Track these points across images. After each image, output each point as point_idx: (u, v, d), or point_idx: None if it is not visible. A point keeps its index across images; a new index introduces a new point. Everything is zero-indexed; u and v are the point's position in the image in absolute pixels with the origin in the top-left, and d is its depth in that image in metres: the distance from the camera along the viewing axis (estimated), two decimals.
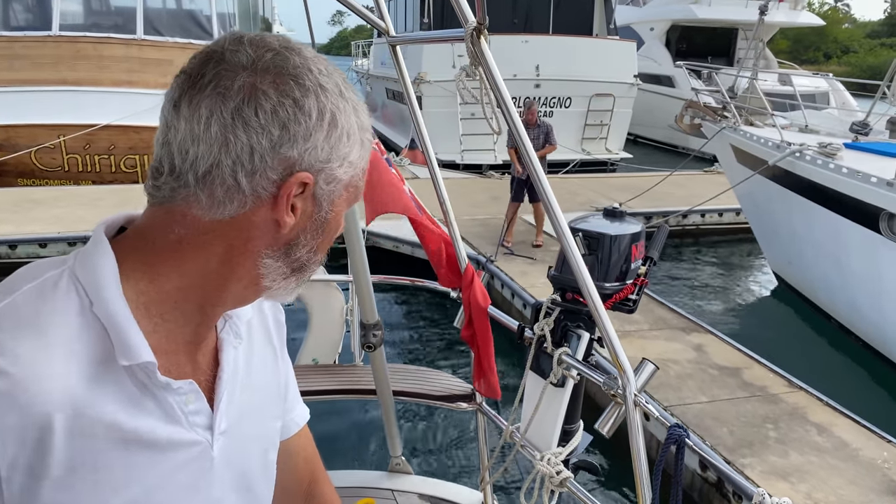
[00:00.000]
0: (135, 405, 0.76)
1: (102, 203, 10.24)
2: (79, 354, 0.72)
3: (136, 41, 12.09)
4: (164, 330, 0.79)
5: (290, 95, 0.74)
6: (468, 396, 2.58)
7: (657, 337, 6.09)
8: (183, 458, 0.81)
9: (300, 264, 0.82)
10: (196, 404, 0.82)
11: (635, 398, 1.46)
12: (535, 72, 15.08)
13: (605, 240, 1.90)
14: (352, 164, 0.80)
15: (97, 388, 0.72)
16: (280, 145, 0.74)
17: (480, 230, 9.52)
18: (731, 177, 9.26)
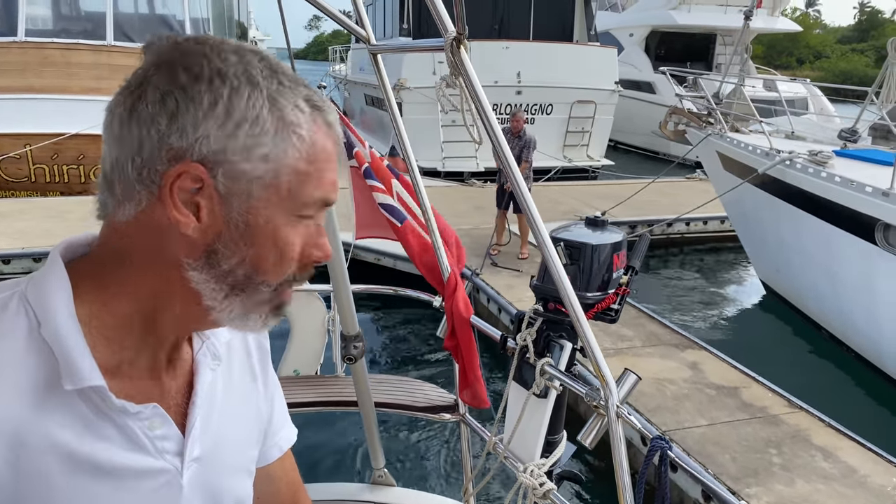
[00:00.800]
0: (90, 431, 0.72)
1: (70, 216, 9.84)
2: (22, 379, 0.69)
3: (105, 47, 11.70)
4: (126, 356, 0.76)
5: (178, 84, 0.70)
6: (451, 407, 2.54)
7: (651, 354, 5.88)
8: (150, 486, 0.77)
9: (236, 281, 0.74)
10: (163, 429, 0.78)
11: (617, 409, 1.45)
12: (516, 78, 14.90)
13: (586, 249, 1.91)
14: (265, 158, 0.72)
15: (44, 413, 0.69)
16: (168, 136, 0.70)
17: (465, 241, 9.13)
18: (717, 184, 9.12)
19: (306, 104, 0.74)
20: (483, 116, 1.55)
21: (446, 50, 1.54)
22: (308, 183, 0.74)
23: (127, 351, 0.76)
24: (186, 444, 0.80)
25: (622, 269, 1.97)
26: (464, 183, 13.66)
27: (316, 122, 0.75)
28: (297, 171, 0.73)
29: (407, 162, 2.19)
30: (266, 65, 0.74)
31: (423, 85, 14.14)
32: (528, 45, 15.37)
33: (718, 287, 9.83)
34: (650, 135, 20.33)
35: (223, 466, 0.86)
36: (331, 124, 0.77)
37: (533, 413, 1.88)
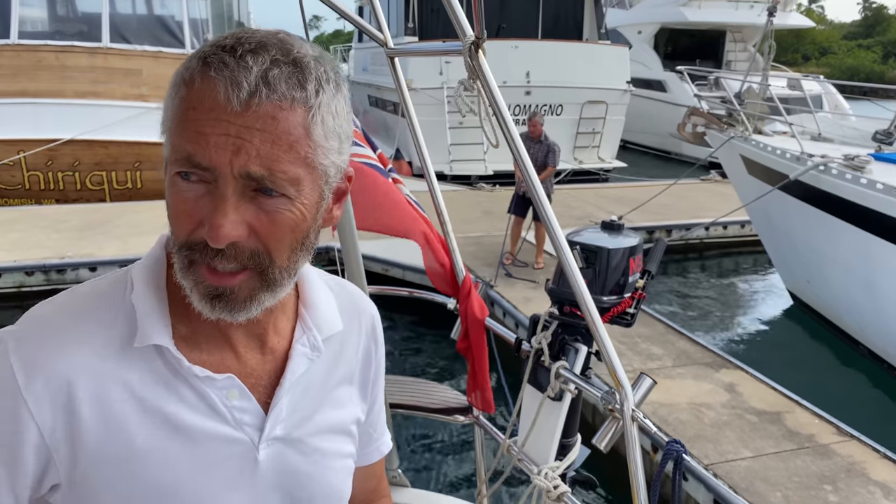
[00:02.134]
0: (168, 390, 0.78)
1: (64, 226, 9.46)
2: (109, 332, 0.76)
3: (101, 49, 11.32)
4: (205, 324, 0.79)
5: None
6: (465, 409, 2.54)
7: (683, 375, 5.46)
8: (224, 452, 0.80)
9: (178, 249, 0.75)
10: (241, 401, 0.81)
11: (633, 413, 1.45)
12: (525, 78, 14.49)
13: (602, 253, 1.91)
14: (163, 115, 0.75)
15: (125, 366, 0.76)
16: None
17: (475, 249, 8.86)
18: (740, 189, 8.69)
19: (198, 61, 0.72)
20: (500, 120, 1.55)
21: (464, 54, 1.54)
22: (173, 138, 0.72)
23: (203, 323, 0.78)
24: (267, 421, 0.82)
25: (638, 273, 1.97)
26: (472, 187, 13.24)
27: (193, 77, 0.72)
28: (167, 127, 0.74)
29: (423, 164, 2.17)
30: (224, 37, 0.73)
31: (429, 86, 13.77)
32: (538, 44, 14.96)
33: (742, 297, 9.39)
34: (661, 135, 19.90)
35: (314, 454, 0.87)
36: (210, 80, 0.70)
37: (547, 416, 1.88)
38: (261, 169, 0.70)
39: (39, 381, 0.73)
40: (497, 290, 7.34)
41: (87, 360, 0.75)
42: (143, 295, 0.79)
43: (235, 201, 0.70)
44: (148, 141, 11.16)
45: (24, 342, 0.74)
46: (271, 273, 0.75)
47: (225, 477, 0.81)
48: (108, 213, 10.30)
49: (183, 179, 0.71)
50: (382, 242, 8.48)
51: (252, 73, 0.69)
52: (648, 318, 6.61)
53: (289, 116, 0.70)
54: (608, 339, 1.49)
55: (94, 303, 0.79)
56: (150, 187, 11.43)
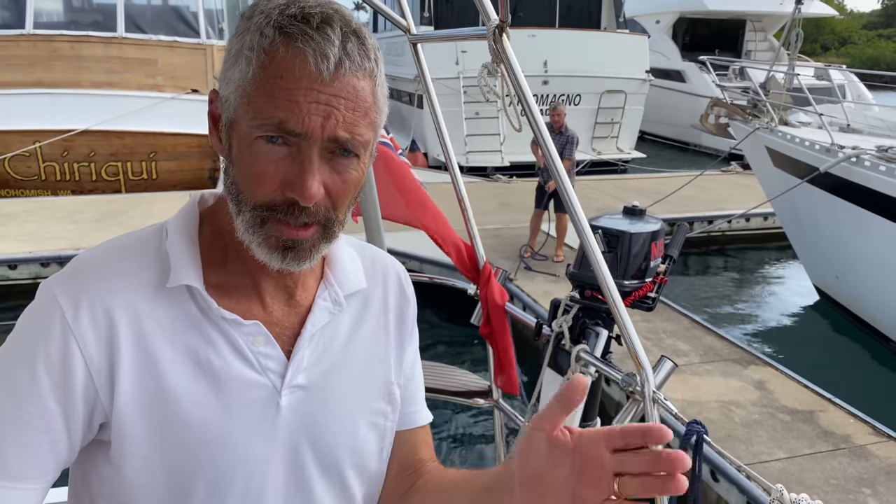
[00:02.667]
0: (196, 330, 0.82)
1: (80, 217, 9.41)
2: (146, 275, 0.82)
3: (116, 39, 11.24)
4: (234, 276, 0.85)
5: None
6: (485, 392, 2.58)
7: (711, 372, 5.31)
8: (249, 396, 0.84)
9: (234, 198, 0.81)
10: (266, 348, 0.85)
11: (653, 395, 1.45)
12: (542, 68, 14.28)
13: (624, 237, 1.92)
14: (228, 81, 0.79)
15: (159, 303, 0.81)
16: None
17: (493, 242, 8.71)
18: (765, 182, 8.49)
19: (274, 31, 0.76)
20: (525, 104, 1.55)
21: (488, 38, 1.56)
22: (258, 104, 0.76)
23: (232, 274, 0.85)
24: (289, 368, 0.86)
25: (660, 258, 1.97)
26: (489, 178, 13.07)
27: (274, 47, 0.75)
28: (247, 93, 0.77)
29: (444, 149, 2.18)
30: (287, 6, 0.77)
31: (445, 76, 13.59)
32: (555, 32, 14.73)
33: (766, 292, 9.19)
34: (680, 126, 19.63)
35: (337, 405, 0.90)
36: (298, 51, 0.75)
37: None
38: (345, 133, 0.77)
39: (85, 317, 0.78)
40: (517, 284, 7.21)
41: (127, 297, 0.80)
42: (177, 242, 0.83)
43: (319, 163, 0.77)
44: (163, 131, 11.10)
45: (69, 283, 0.79)
46: (332, 226, 0.82)
47: (249, 419, 0.84)
48: (123, 204, 10.25)
49: (267, 142, 0.76)
50: (400, 235, 8.38)
51: (335, 44, 0.75)
52: (673, 313, 6.46)
53: (364, 85, 0.78)
54: (630, 323, 1.50)
55: (132, 248, 0.84)
56: (165, 178, 11.37)
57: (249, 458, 0.84)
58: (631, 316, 1.53)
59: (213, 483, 0.83)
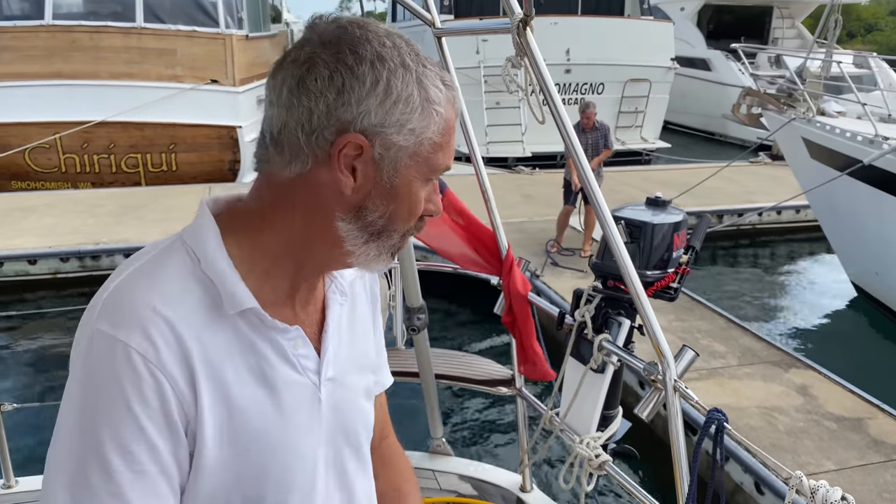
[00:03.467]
0: (249, 346, 0.85)
1: (100, 210, 9.34)
2: (193, 302, 0.82)
3: (135, 29, 11.12)
4: (269, 285, 0.88)
5: (345, 63, 0.81)
6: (508, 381, 2.59)
7: (751, 375, 5.09)
8: (296, 397, 0.89)
9: (376, 230, 0.86)
10: (304, 349, 0.90)
11: (675, 384, 1.48)
12: (565, 56, 13.98)
13: (647, 228, 1.93)
14: (412, 132, 0.83)
15: (215, 332, 0.83)
16: (335, 108, 0.81)
17: (518, 237, 8.51)
18: (801, 173, 8.20)
19: (443, 84, 0.85)
20: (549, 98, 1.57)
21: (512, 31, 1.57)
22: (440, 152, 0.86)
23: (271, 282, 0.88)
24: (322, 365, 0.92)
25: (682, 248, 1.98)
26: (511, 170, 12.84)
27: (448, 100, 0.86)
28: (433, 143, 0.85)
29: (467, 140, 2.18)
30: (412, 49, 0.84)
31: (465, 65, 13.35)
32: (578, 20, 14.44)
33: (801, 288, 8.90)
34: (705, 115, 19.24)
35: (352, 389, 0.98)
36: (456, 100, 0.87)
37: (590, 388, 1.92)
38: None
39: (165, 352, 0.78)
40: (543, 280, 7.01)
41: (190, 326, 0.81)
42: (217, 266, 0.84)
43: None
44: (183, 122, 11.00)
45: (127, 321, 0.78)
46: None
47: (301, 420, 0.89)
48: (143, 197, 10.17)
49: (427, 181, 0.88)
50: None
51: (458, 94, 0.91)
52: (707, 312, 6.24)
53: None
54: (652, 312, 1.52)
55: (170, 276, 0.83)
56: (185, 170, 11.28)
57: (305, 457, 0.91)
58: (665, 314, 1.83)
59: (277, 488, 0.88)
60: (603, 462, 1.84)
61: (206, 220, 0.88)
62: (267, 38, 13.80)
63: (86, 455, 0.76)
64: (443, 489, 2.67)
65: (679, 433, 1.46)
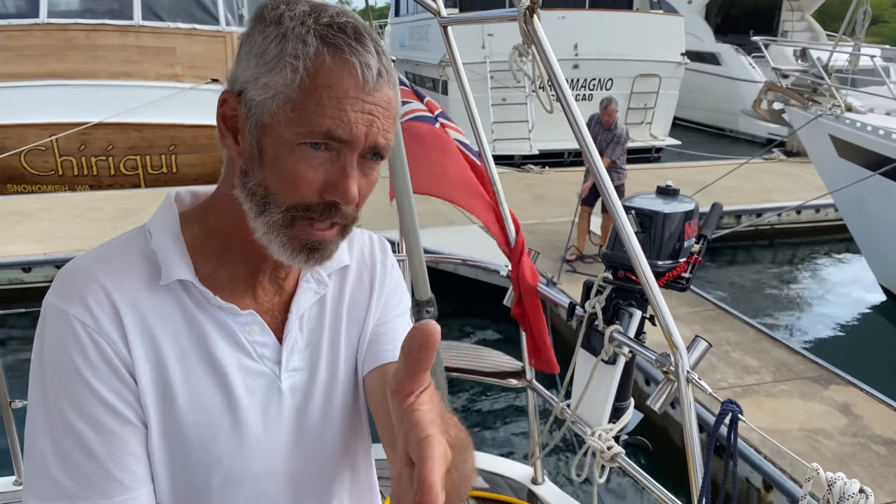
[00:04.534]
0: (193, 322, 0.85)
1: (97, 214, 9.04)
2: (138, 275, 0.84)
3: (133, 28, 10.80)
4: (225, 270, 0.88)
5: (250, 28, 0.82)
6: (519, 373, 2.60)
7: (788, 393, 4.78)
8: (250, 385, 0.87)
9: (257, 200, 0.82)
10: (261, 336, 0.88)
11: (688, 375, 1.47)
12: (573, 51, 13.65)
13: (658, 218, 1.94)
14: (265, 86, 0.79)
15: (156, 298, 0.83)
16: (233, 71, 0.83)
17: (530, 240, 8.11)
18: (827, 172, 7.87)
19: (317, 41, 0.78)
20: (557, 87, 1.57)
21: (519, 19, 1.58)
22: (305, 112, 0.78)
23: (225, 265, 0.87)
24: (283, 353, 0.89)
25: (693, 238, 1.97)
26: (519, 168, 12.52)
27: (320, 57, 0.78)
28: (291, 100, 0.78)
29: (475, 132, 2.18)
30: (316, 14, 0.79)
31: (471, 60, 13.02)
32: (586, 13, 14.08)
33: (826, 293, 8.52)
34: (714, 110, 18.89)
35: (332, 379, 0.94)
36: (346, 62, 0.78)
37: (601, 379, 1.90)
38: (382, 140, 0.82)
39: (102, 317, 0.80)
40: (561, 288, 6.70)
41: (128, 293, 0.82)
42: (163, 241, 0.85)
43: (356, 168, 0.81)
44: (183, 123, 10.68)
45: (69, 292, 0.80)
46: (351, 226, 0.86)
47: (255, 408, 0.87)
48: (142, 199, 9.86)
49: (311, 148, 0.79)
50: (435, 234, 7.91)
51: (374, 56, 0.80)
52: (736, 322, 5.92)
53: (392, 94, 0.82)
54: (663, 303, 1.50)
55: (117, 250, 0.86)
56: (186, 172, 10.97)
57: (262, 444, 0.88)
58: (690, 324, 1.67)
59: (229, 474, 0.86)
60: (615, 454, 1.82)
61: (166, 205, 0.89)
62: None
63: (54, 425, 0.78)
64: None
65: (692, 424, 1.44)
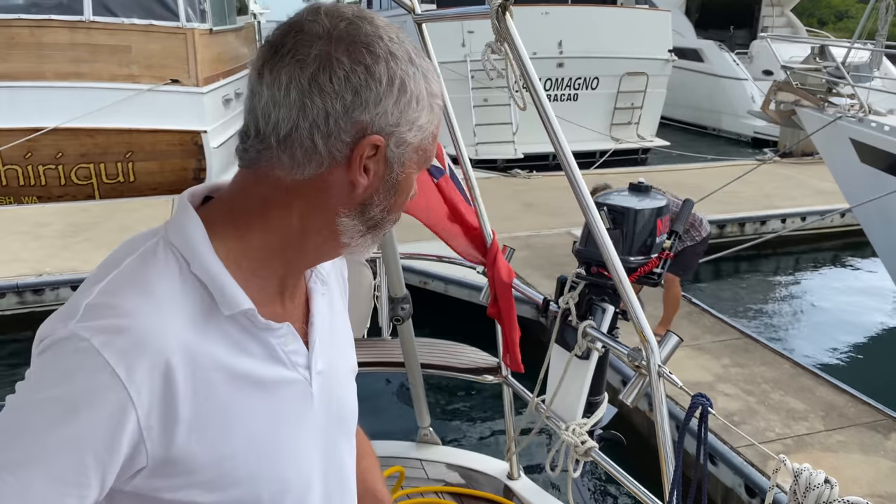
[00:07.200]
0: (240, 349, 0.84)
1: (46, 231, 8.13)
2: (184, 307, 0.80)
3: (83, 24, 9.88)
4: (256, 283, 0.86)
5: (361, 62, 0.79)
6: (494, 369, 2.61)
7: (846, 445, 4.14)
8: (289, 395, 0.89)
9: (374, 223, 0.87)
10: (294, 345, 0.89)
11: (659, 369, 1.52)
12: (557, 49, 13.02)
13: (629, 214, 1.98)
14: (421, 128, 0.84)
15: (204, 334, 0.80)
16: (353, 110, 0.79)
17: (526, 255, 7.51)
18: (846, 178, 7.32)
19: (433, 76, 0.85)
20: (530, 84, 1.61)
21: (492, 17, 1.62)
22: (434, 142, 0.88)
23: (258, 279, 0.86)
24: (311, 358, 0.91)
25: (665, 233, 2.04)
26: (506, 174, 11.81)
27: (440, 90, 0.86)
28: (433, 135, 0.87)
29: (452, 135, 2.22)
30: (411, 42, 0.84)
31: (450, 59, 12.29)
32: (570, 9, 13.45)
33: (846, 311, 7.80)
34: (697, 108, 18.43)
35: (340, 378, 0.99)
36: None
37: (575, 374, 1.96)
38: None
39: (142, 368, 0.75)
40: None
41: (178, 333, 0.78)
42: (211, 267, 0.82)
43: None
44: (140, 128, 9.81)
45: (110, 333, 0.74)
46: None
47: (295, 417, 0.89)
48: (96, 213, 8.98)
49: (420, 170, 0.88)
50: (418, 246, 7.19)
51: None
52: (768, 354, 5.29)
53: None
54: (635, 298, 1.57)
55: (156, 278, 0.80)
56: (144, 181, 10.08)
57: (301, 454, 0.90)
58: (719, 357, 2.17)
59: (278, 490, 0.87)
60: (589, 448, 1.87)
61: (191, 217, 0.85)
62: (233, 31, 12.61)
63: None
64: (430, 478, 2.68)
65: (664, 418, 1.48)
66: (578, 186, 1.57)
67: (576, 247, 2.01)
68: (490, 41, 1.69)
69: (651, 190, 2.12)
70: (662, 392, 1.50)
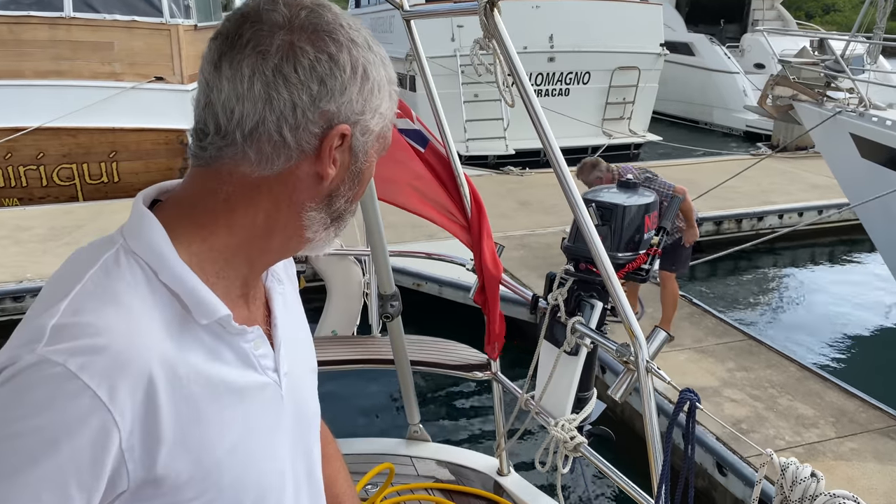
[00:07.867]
0: (215, 356, 0.81)
1: (27, 235, 7.89)
2: (158, 320, 0.76)
3: (64, 20, 9.63)
4: (221, 286, 0.83)
5: (325, 51, 0.78)
6: (484, 366, 2.63)
7: (859, 453, 4.01)
8: (263, 398, 0.86)
9: (338, 214, 0.87)
10: (263, 349, 0.87)
11: (647, 365, 1.53)
12: (548, 43, 12.85)
13: (617, 210, 2.02)
14: (382, 115, 0.84)
15: (181, 345, 0.78)
16: (320, 99, 0.78)
17: (522, 254, 7.36)
18: (846, 174, 7.21)
19: (389, 63, 0.84)
20: (517, 80, 1.62)
21: (479, 13, 1.63)
22: (391, 131, 0.87)
23: (223, 281, 0.83)
24: (278, 360, 0.89)
25: (653, 230, 2.07)
26: (499, 171, 11.64)
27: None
28: (392, 123, 0.87)
29: (441, 130, 2.20)
30: (367, 30, 0.83)
31: (440, 54, 12.09)
32: (561, 3, 13.25)
33: (843, 305, 7.74)
34: (688, 102, 18.33)
35: (303, 375, 0.97)
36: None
37: (564, 370, 1.96)
38: None
39: (124, 388, 0.72)
40: None
41: (157, 349, 0.75)
42: (181, 273, 0.79)
43: None
44: (124, 127, 9.57)
45: (88, 354, 0.70)
46: None
47: (270, 421, 0.87)
48: (80, 214, 8.74)
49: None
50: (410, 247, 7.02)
51: None
52: (773, 356, 5.16)
53: None
54: (623, 294, 1.59)
55: (125, 290, 0.76)
56: (129, 181, 9.83)
57: (278, 456, 0.89)
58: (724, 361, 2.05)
59: (259, 495, 0.86)
60: (578, 444, 1.89)
61: (151, 223, 0.80)
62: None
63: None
64: (420, 475, 2.68)
65: (652, 413, 1.50)
66: (567, 183, 1.58)
67: (564, 243, 2.01)
68: (478, 37, 1.69)
69: (638, 186, 2.14)
70: (651, 387, 1.52)
